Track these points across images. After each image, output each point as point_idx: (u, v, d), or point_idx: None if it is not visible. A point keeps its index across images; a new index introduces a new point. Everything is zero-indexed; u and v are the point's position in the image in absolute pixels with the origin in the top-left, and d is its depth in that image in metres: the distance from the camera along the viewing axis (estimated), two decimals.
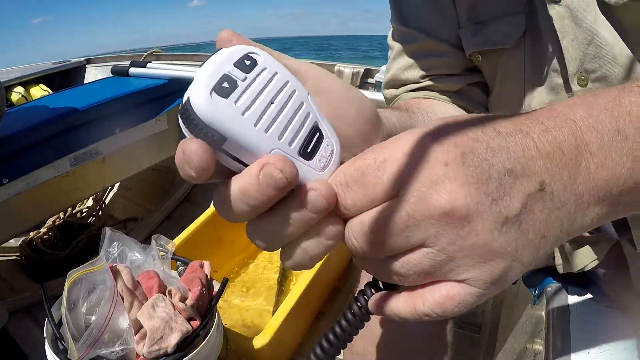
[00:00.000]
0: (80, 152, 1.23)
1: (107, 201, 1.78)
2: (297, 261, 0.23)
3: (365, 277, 0.57)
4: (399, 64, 0.56)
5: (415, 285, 0.23)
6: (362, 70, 1.60)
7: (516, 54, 0.47)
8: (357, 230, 0.22)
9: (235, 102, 0.21)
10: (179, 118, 0.21)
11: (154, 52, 1.98)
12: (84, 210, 1.69)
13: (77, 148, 1.22)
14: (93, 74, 2.04)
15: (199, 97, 0.20)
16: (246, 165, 0.22)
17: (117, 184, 1.77)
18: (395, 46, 0.57)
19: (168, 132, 1.52)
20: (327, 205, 0.21)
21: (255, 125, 0.21)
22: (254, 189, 0.21)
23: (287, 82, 0.23)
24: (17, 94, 1.75)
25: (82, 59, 2.11)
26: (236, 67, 0.22)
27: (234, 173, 0.22)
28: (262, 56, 0.24)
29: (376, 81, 1.51)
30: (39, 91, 1.82)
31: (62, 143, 1.18)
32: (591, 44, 0.40)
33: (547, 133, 0.21)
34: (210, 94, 0.21)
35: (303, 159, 0.22)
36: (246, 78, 0.22)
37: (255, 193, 0.21)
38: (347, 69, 1.62)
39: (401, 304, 0.24)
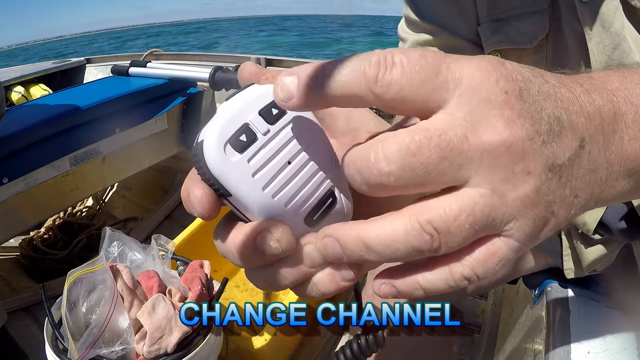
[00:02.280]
0: (80, 152, 1.23)
1: (107, 201, 1.78)
2: (309, 295, 0.22)
3: (371, 275, 0.57)
4: None
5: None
6: None
7: (538, 54, 0.46)
8: (395, 143, 0.18)
9: (249, 160, 0.20)
10: (193, 156, 0.20)
11: (153, 51, 1.98)
12: (84, 210, 1.69)
13: (77, 148, 1.22)
14: (93, 73, 2.04)
15: (212, 147, 0.19)
16: (247, 219, 0.21)
17: (117, 184, 1.77)
18: (409, 38, 0.55)
19: (168, 132, 1.52)
20: (322, 260, 0.20)
21: (264, 189, 0.20)
22: (249, 251, 0.20)
23: (315, 141, 0.22)
24: (17, 93, 1.75)
25: (82, 58, 2.11)
26: (261, 115, 0.21)
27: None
28: None
29: None
30: (39, 91, 1.82)
31: (62, 143, 1.18)
32: (617, 48, 0.39)
33: (587, 94, 0.21)
34: (225, 146, 0.19)
35: (307, 227, 0.21)
36: (268, 132, 0.20)
37: (248, 254, 0.20)
38: None
39: (430, 273, 0.20)
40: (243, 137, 0.20)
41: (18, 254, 1.46)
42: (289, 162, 0.21)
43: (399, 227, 0.18)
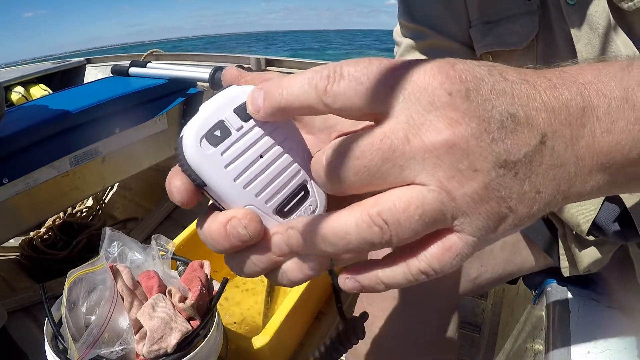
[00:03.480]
0: (80, 152, 1.23)
1: (107, 201, 1.78)
2: (281, 283, 0.24)
3: None
4: None
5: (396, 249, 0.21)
6: None
7: (528, 55, 0.47)
8: (338, 151, 0.19)
9: (222, 153, 0.22)
10: (175, 150, 0.23)
11: (153, 52, 1.98)
12: (83, 210, 1.69)
13: (77, 148, 1.22)
14: (93, 73, 2.04)
15: (190, 140, 0.22)
16: (222, 208, 0.23)
17: (117, 184, 1.77)
18: (404, 42, 0.55)
19: (168, 132, 1.52)
20: (288, 250, 0.22)
21: (235, 180, 0.22)
22: (221, 236, 0.22)
23: (287, 137, 0.23)
24: (17, 93, 1.75)
25: (82, 59, 2.11)
26: (235, 113, 0.22)
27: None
28: None
29: None
30: (38, 91, 1.82)
31: (62, 143, 1.18)
32: (605, 49, 0.40)
33: (554, 89, 0.21)
34: (201, 140, 0.21)
35: (278, 217, 0.23)
36: (242, 127, 0.22)
37: (221, 240, 0.22)
38: None
39: (389, 269, 0.21)
40: (217, 132, 0.22)
41: (18, 254, 1.46)
42: (261, 156, 0.22)
43: (351, 220, 0.19)
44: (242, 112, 0.22)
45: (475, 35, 0.50)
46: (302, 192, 0.24)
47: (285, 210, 0.23)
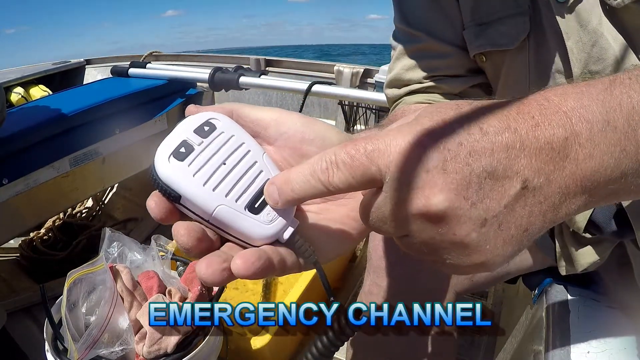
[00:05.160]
0: (80, 153, 1.23)
1: (107, 201, 1.78)
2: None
3: (369, 276, 0.57)
4: (402, 64, 0.56)
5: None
6: (362, 70, 1.60)
7: (520, 55, 0.47)
8: (361, 211, 0.25)
9: (189, 164, 0.25)
10: (150, 176, 0.25)
11: (153, 52, 1.99)
12: (83, 211, 1.69)
13: (77, 148, 1.22)
14: (92, 74, 2.04)
15: (160, 160, 0.25)
16: (199, 217, 0.25)
17: (117, 185, 1.77)
18: (399, 46, 0.57)
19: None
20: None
21: (204, 184, 0.24)
22: (179, 239, 0.25)
23: (242, 143, 0.27)
24: (16, 94, 1.75)
25: (82, 59, 2.11)
26: (195, 133, 0.26)
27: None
28: (222, 121, 0.27)
29: (376, 81, 1.51)
30: (38, 92, 1.82)
31: (62, 143, 1.18)
32: (595, 45, 0.40)
33: (536, 128, 0.22)
34: (169, 157, 0.25)
35: (250, 213, 0.25)
36: (202, 142, 0.26)
37: (182, 241, 0.25)
38: (347, 69, 1.62)
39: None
40: (182, 149, 0.25)
41: (18, 254, 1.46)
42: (224, 163, 0.26)
43: None
44: (200, 131, 0.26)
45: (469, 37, 0.51)
46: None
47: (256, 206, 0.26)
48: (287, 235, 0.26)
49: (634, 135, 0.22)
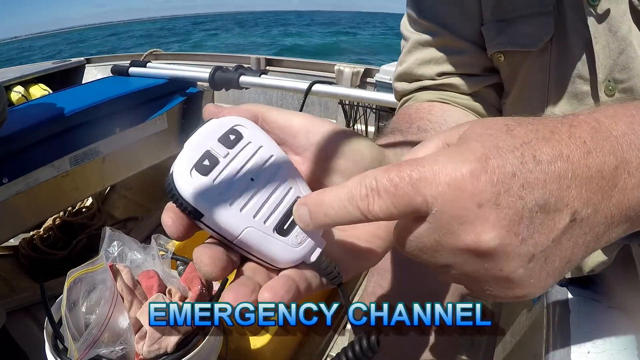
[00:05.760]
0: (80, 152, 1.23)
1: (107, 201, 1.78)
2: None
3: (372, 277, 0.57)
4: (414, 57, 0.53)
5: None
6: (362, 70, 1.60)
7: (542, 57, 0.46)
8: (396, 236, 0.24)
9: (214, 180, 0.22)
10: (165, 188, 0.22)
11: (153, 51, 1.99)
12: (83, 210, 1.69)
13: (77, 148, 1.22)
14: (93, 73, 2.04)
15: (180, 174, 0.22)
16: (226, 239, 0.23)
17: (117, 184, 1.77)
18: (411, 37, 0.54)
19: (168, 132, 1.52)
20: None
21: (231, 204, 0.22)
22: (200, 264, 0.23)
23: (272, 156, 0.24)
24: (16, 93, 1.75)
25: (82, 58, 2.11)
26: (220, 142, 0.23)
27: None
28: (249, 128, 0.24)
29: (376, 81, 1.51)
30: (38, 91, 1.82)
31: (62, 143, 1.18)
32: (623, 53, 0.39)
33: (588, 156, 0.21)
34: (191, 171, 0.22)
35: (279, 236, 0.23)
36: (228, 154, 0.23)
37: (201, 267, 0.23)
38: (347, 68, 1.62)
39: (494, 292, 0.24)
40: (206, 162, 0.22)
41: (18, 254, 1.46)
42: (252, 179, 0.23)
43: None
44: (225, 140, 0.23)
45: (488, 33, 0.49)
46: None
47: (285, 227, 0.23)
48: (314, 257, 0.25)
49: None
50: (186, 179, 0.22)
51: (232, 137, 0.23)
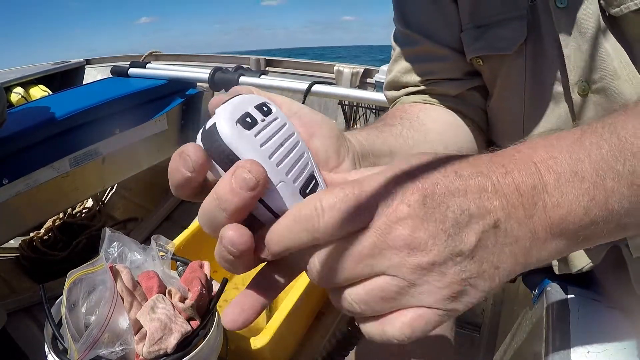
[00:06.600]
0: (80, 153, 1.24)
1: (107, 201, 1.78)
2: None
3: None
4: (400, 66, 0.56)
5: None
6: (362, 70, 1.60)
7: (518, 60, 0.47)
8: (321, 258, 0.23)
9: (256, 135, 0.23)
10: (201, 141, 0.23)
11: (153, 52, 1.99)
12: (83, 211, 1.69)
13: (76, 148, 1.22)
14: (92, 74, 2.04)
15: (225, 124, 0.23)
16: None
17: (117, 185, 1.77)
18: (397, 47, 0.56)
19: (168, 133, 1.52)
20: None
21: (270, 158, 0.23)
22: (227, 191, 0.22)
23: (293, 133, 0.27)
24: (16, 94, 1.75)
25: (82, 59, 2.11)
26: (256, 109, 0.25)
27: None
28: (274, 107, 0.27)
29: (375, 81, 1.51)
30: (38, 92, 1.83)
31: (62, 143, 1.18)
32: (594, 54, 0.40)
33: (506, 175, 0.24)
34: (236, 123, 0.23)
35: (301, 197, 0.25)
36: (264, 120, 0.25)
37: (229, 195, 0.22)
38: (347, 69, 1.62)
39: (368, 325, 0.25)
40: (248, 119, 0.24)
41: (18, 254, 1.46)
42: (282, 144, 0.25)
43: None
44: (260, 109, 0.25)
45: (466, 39, 0.50)
46: (314, 181, 0.26)
47: (307, 191, 0.25)
48: None
49: (603, 184, 0.23)
50: (232, 129, 0.23)
51: (265, 108, 0.25)
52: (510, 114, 0.50)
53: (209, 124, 0.23)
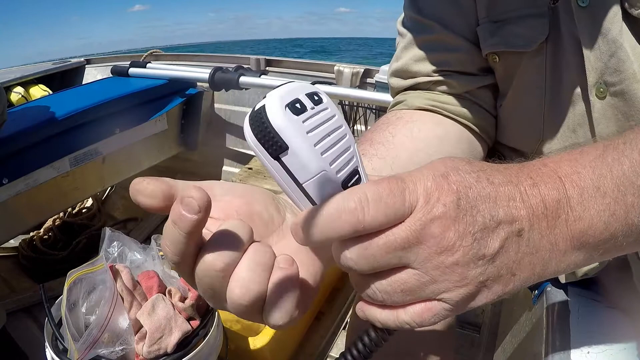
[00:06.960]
0: (80, 153, 1.23)
1: (107, 201, 1.78)
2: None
3: None
4: (412, 53, 0.53)
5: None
6: (362, 70, 1.60)
7: (536, 58, 0.46)
8: (355, 247, 0.24)
9: (304, 121, 0.24)
10: (248, 122, 0.24)
11: (153, 52, 1.99)
12: (83, 211, 1.69)
13: (77, 148, 1.22)
14: (93, 74, 2.04)
15: (275, 107, 0.23)
16: (294, 179, 0.24)
17: (117, 185, 1.77)
18: (408, 35, 0.54)
19: (168, 132, 1.52)
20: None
21: (315, 145, 0.23)
22: (177, 219, 0.23)
23: (341, 126, 0.26)
24: (16, 94, 1.75)
25: (82, 59, 2.11)
26: (307, 97, 0.25)
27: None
28: (325, 98, 0.26)
29: (376, 81, 1.51)
30: (38, 91, 1.82)
31: (62, 143, 1.18)
32: (613, 56, 0.39)
33: (533, 187, 0.25)
34: (285, 108, 0.23)
35: (342, 189, 0.25)
36: (314, 108, 0.25)
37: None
38: (347, 69, 1.62)
39: (384, 312, 0.26)
40: (297, 105, 0.24)
41: (18, 254, 1.46)
42: (329, 135, 0.25)
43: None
44: (311, 97, 0.25)
45: (482, 33, 0.49)
46: (357, 175, 0.26)
47: (349, 185, 0.25)
48: None
49: (624, 200, 0.24)
50: (281, 112, 0.23)
51: (316, 97, 0.25)
52: (527, 114, 0.49)
53: (258, 105, 0.24)
